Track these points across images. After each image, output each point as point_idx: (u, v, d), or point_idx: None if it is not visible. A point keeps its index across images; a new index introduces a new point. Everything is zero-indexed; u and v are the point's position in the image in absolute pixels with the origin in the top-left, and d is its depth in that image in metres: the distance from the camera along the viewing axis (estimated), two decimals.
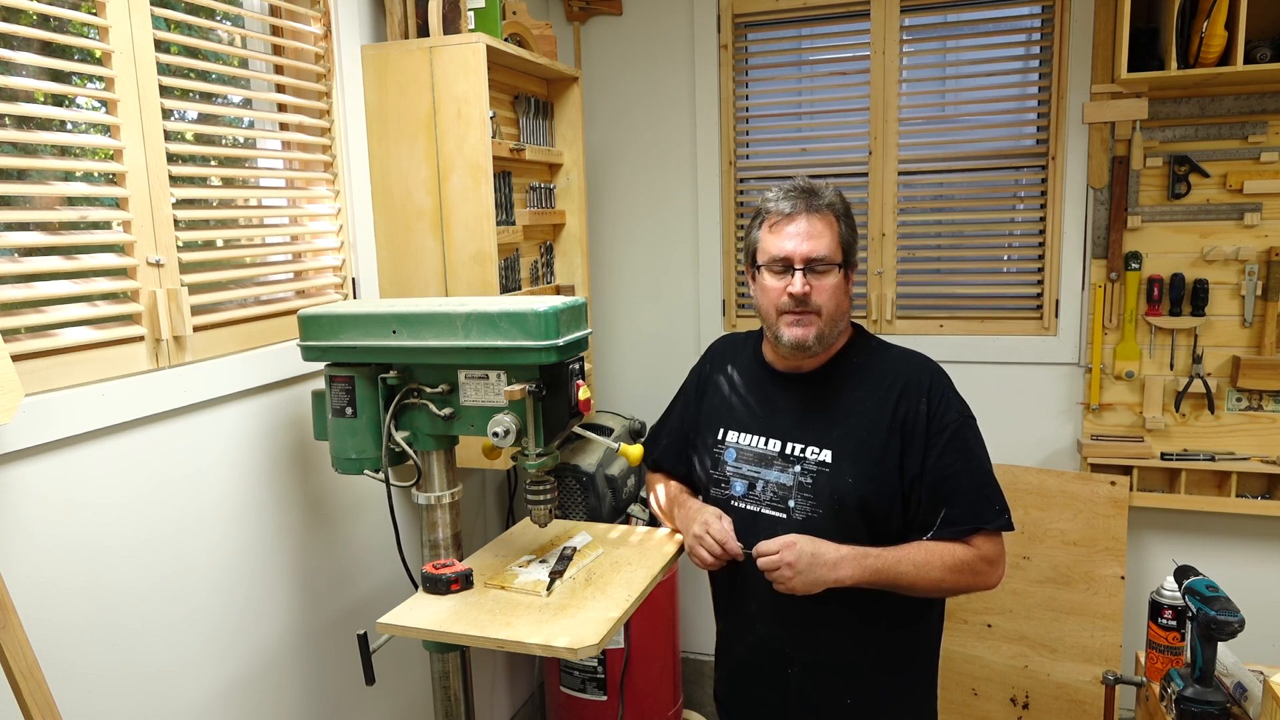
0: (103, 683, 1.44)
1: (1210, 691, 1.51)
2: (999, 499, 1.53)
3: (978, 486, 1.52)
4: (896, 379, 1.56)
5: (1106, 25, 2.50)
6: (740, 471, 1.63)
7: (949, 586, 1.50)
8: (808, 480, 1.55)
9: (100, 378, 1.44)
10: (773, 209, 1.56)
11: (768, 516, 1.58)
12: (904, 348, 1.64)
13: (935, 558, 1.48)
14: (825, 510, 1.53)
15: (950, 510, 1.50)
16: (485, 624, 1.45)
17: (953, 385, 1.58)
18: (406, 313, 1.54)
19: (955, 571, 1.48)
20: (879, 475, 1.52)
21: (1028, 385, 2.71)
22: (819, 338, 1.54)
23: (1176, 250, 2.52)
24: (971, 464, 1.53)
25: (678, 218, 3.00)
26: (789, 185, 1.58)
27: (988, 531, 1.51)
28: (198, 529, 1.63)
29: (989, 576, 1.52)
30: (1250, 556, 2.57)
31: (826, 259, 1.52)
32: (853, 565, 1.45)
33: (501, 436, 1.50)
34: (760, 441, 1.62)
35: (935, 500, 1.51)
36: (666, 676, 2.64)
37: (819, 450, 1.55)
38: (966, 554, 1.49)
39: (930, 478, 1.51)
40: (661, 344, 3.08)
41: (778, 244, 1.53)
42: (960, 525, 1.50)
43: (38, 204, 1.45)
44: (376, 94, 2.08)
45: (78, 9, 1.46)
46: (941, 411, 1.53)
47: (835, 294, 1.54)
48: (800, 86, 2.91)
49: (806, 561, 1.43)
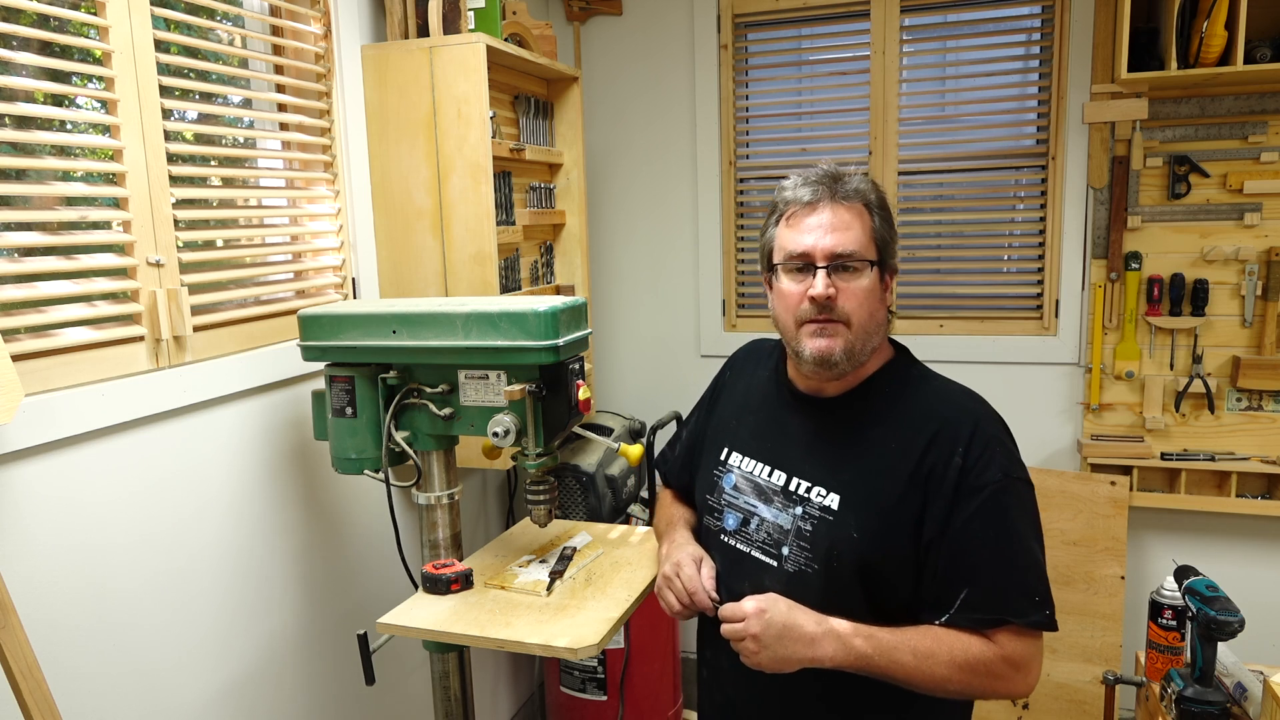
0: (102, 682, 1.44)
1: (1210, 691, 1.51)
2: (1041, 588, 1.20)
3: (1012, 567, 1.19)
4: (930, 419, 1.26)
5: (1106, 25, 2.50)
6: (736, 502, 1.37)
7: (956, 688, 1.18)
8: (807, 527, 1.27)
9: (100, 378, 1.44)
10: (790, 198, 1.30)
11: (755, 560, 1.32)
12: (952, 382, 1.34)
13: (944, 649, 1.17)
14: (820, 566, 1.25)
15: (972, 592, 1.18)
16: (485, 624, 1.46)
17: (1006, 438, 1.25)
18: (406, 313, 1.54)
19: (966, 671, 1.17)
20: (889, 535, 1.22)
21: (1028, 385, 2.71)
22: (847, 353, 1.25)
23: (1176, 250, 2.52)
24: (1008, 540, 1.20)
25: (678, 218, 3.00)
26: (810, 172, 1.31)
27: (1019, 626, 1.18)
28: (198, 529, 1.63)
29: (1013, 683, 1.18)
30: (1250, 556, 2.58)
31: (855, 255, 1.24)
32: (835, 644, 1.17)
33: (501, 436, 1.50)
34: (764, 471, 1.36)
35: (954, 576, 1.20)
36: (666, 676, 2.64)
37: (825, 493, 1.27)
38: (985, 651, 1.17)
39: (950, 546, 1.20)
40: (661, 344, 3.08)
41: (796, 238, 1.26)
42: (982, 613, 1.18)
43: (38, 204, 1.45)
44: (376, 94, 2.08)
45: (78, 9, 1.46)
46: (980, 468, 1.20)
47: (867, 300, 1.25)
48: (800, 86, 2.91)
49: (775, 634, 1.16)
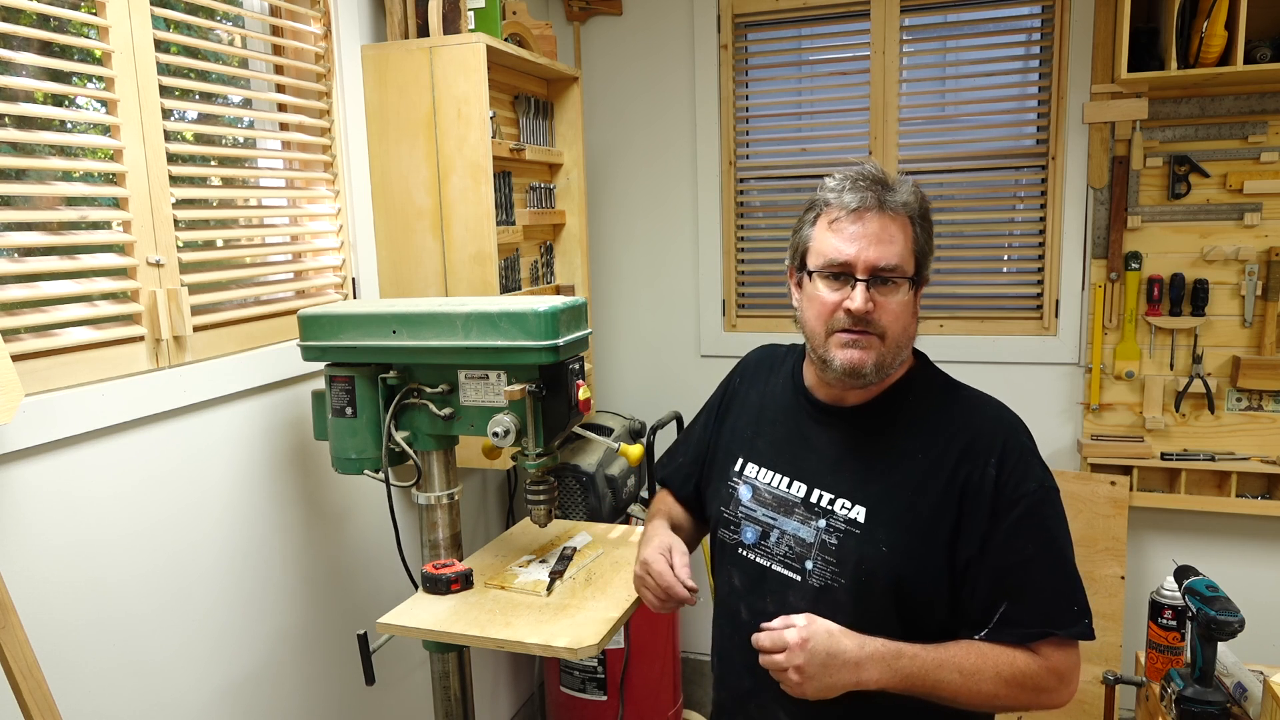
0: (103, 682, 1.44)
1: (1210, 691, 1.51)
2: (1080, 598, 1.21)
3: (1054, 580, 1.21)
4: (962, 431, 1.26)
5: (1106, 25, 2.50)
6: (754, 515, 1.36)
7: (1004, 703, 1.19)
8: (832, 540, 1.26)
9: (100, 378, 1.45)
10: (834, 200, 1.26)
11: (778, 575, 1.31)
12: (977, 391, 1.34)
13: (989, 665, 1.17)
14: (849, 581, 1.24)
15: (1013, 607, 1.19)
16: (485, 624, 1.46)
17: (1033, 446, 1.27)
18: (406, 313, 1.54)
19: (1013, 686, 1.17)
20: (923, 551, 1.22)
21: (1028, 385, 2.71)
22: (878, 365, 1.24)
23: (1176, 250, 2.52)
24: (1049, 551, 1.21)
25: (678, 218, 3.00)
26: (855, 172, 1.27)
27: (1060, 639, 1.19)
28: (198, 528, 1.63)
29: (1057, 695, 1.20)
30: (1250, 556, 2.58)
31: (898, 270, 1.23)
32: (880, 667, 1.16)
33: (501, 436, 1.50)
34: (783, 483, 1.34)
35: (995, 592, 1.20)
36: (666, 676, 2.64)
37: (851, 505, 1.26)
38: (1030, 664, 1.18)
39: (992, 563, 1.20)
40: (661, 344, 3.08)
41: (838, 245, 1.23)
42: (1025, 627, 1.19)
43: (38, 204, 1.45)
44: (376, 94, 2.08)
45: (78, 9, 1.46)
46: (1016, 480, 1.21)
47: (903, 314, 1.25)
48: (800, 86, 2.91)
49: (820, 664, 1.14)
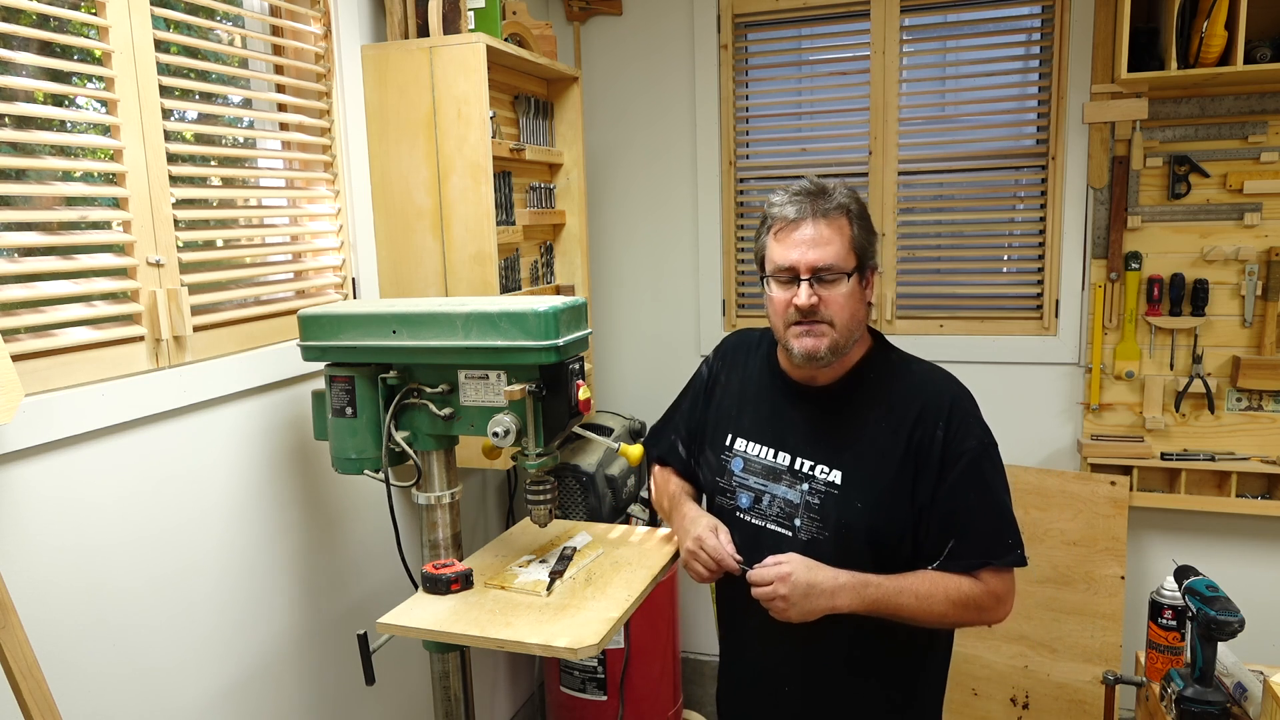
0: (102, 682, 1.44)
1: (1210, 691, 1.51)
2: (1013, 533, 1.46)
3: (991, 520, 1.45)
4: (915, 400, 1.49)
5: (1106, 25, 2.50)
6: (747, 483, 1.57)
7: (952, 620, 1.45)
8: (815, 500, 1.49)
9: (100, 378, 1.45)
10: (777, 214, 1.47)
11: (772, 532, 1.53)
12: (928, 364, 1.56)
13: (939, 590, 1.42)
14: (832, 534, 1.47)
15: (959, 543, 1.44)
16: (485, 624, 1.46)
17: (975, 410, 1.50)
18: (406, 313, 1.54)
19: (959, 606, 1.43)
20: (890, 504, 1.46)
21: (1028, 385, 2.71)
22: (832, 349, 1.46)
23: (1176, 250, 2.52)
24: (986, 497, 1.46)
25: (678, 218, 3.00)
26: (796, 187, 1.49)
27: (997, 567, 1.45)
28: (198, 529, 1.63)
29: (995, 612, 1.46)
30: (1250, 556, 2.58)
31: (834, 268, 1.43)
32: (851, 594, 1.40)
33: (501, 436, 1.50)
34: (770, 454, 1.56)
35: (944, 532, 1.45)
36: (666, 676, 2.64)
37: (829, 470, 1.49)
38: (973, 589, 1.43)
39: (941, 509, 1.45)
40: (661, 344, 3.08)
41: (782, 253, 1.45)
42: (968, 559, 1.44)
43: (37, 204, 1.45)
44: (376, 94, 2.08)
45: (78, 9, 1.46)
46: (959, 439, 1.45)
47: (848, 303, 1.45)
48: (800, 86, 2.91)
49: (802, 592, 1.39)
